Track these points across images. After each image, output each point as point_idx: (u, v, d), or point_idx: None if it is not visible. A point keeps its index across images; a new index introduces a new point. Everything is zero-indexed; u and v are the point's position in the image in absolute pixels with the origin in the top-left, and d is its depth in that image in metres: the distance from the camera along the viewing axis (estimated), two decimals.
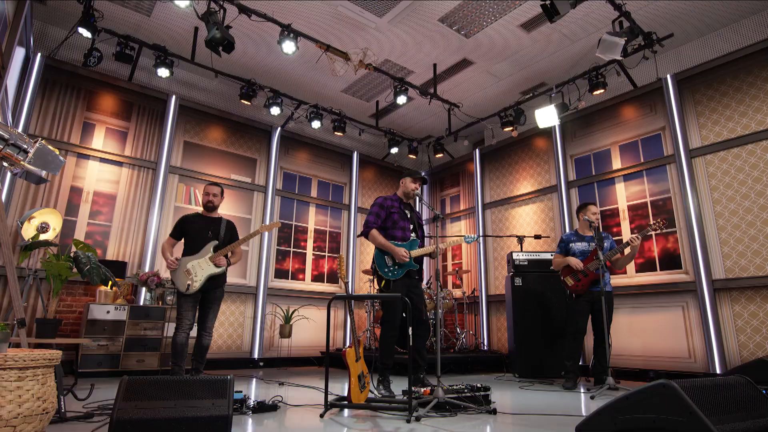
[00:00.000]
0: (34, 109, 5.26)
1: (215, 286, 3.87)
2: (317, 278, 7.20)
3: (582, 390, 4.27)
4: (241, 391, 2.92)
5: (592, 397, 3.73)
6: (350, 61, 5.49)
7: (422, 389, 3.15)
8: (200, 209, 4.14)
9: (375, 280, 3.94)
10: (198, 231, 3.90)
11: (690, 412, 1.49)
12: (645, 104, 5.79)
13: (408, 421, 2.57)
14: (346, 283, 3.20)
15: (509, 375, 5.62)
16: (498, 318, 6.97)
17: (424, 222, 8.78)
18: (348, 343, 7.14)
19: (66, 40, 5.36)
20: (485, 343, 6.95)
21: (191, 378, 2.01)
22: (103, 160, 5.63)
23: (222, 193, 4.12)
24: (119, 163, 5.73)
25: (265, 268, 6.57)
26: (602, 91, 5.64)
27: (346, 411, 2.98)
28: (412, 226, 3.94)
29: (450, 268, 7.91)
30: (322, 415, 2.74)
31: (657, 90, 5.63)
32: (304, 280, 7.06)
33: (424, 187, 8.91)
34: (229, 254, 3.91)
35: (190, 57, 5.63)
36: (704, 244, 4.95)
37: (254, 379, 4.91)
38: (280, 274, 6.84)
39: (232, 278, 6.27)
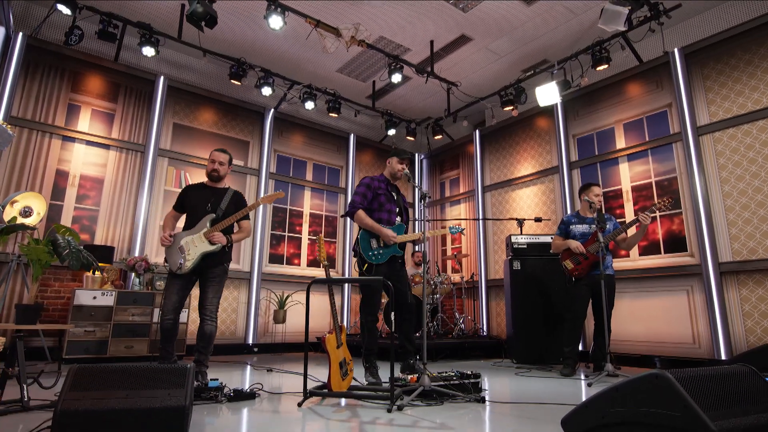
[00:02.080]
0: (17, 90, 5.10)
1: (213, 264, 3.34)
2: (313, 263, 7.07)
3: (580, 377, 4.12)
4: (217, 379, 2.80)
5: (589, 384, 3.58)
6: (341, 37, 5.27)
7: (409, 376, 3.01)
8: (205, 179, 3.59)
9: (357, 263, 3.75)
10: (197, 203, 3.40)
11: (685, 405, 1.33)
12: (651, 80, 5.52)
13: (389, 411, 2.43)
14: (326, 266, 3.05)
15: (507, 361, 5.48)
16: (498, 303, 6.81)
17: (424, 205, 8.60)
18: (331, 329, 7.03)
19: (47, 19, 5.18)
20: (484, 328, 6.81)
21: (147, 366, 1.87)
22: (89, 143, 5.48)
23: (230, 161, 3.58)
24: (106, 146, 5.58)
25: (259, 253, 6.44)
26: (606, 66, 5.39)
27: (326, 399, 2.84)
28: (398, 209, 3.77)
29: (449, 252, 7.74)
30: (300, 404, 2.61)
31: (663, 65, 5.35)
32: (299, 265, 6.93)
33: (424, 169, 8.71)
34: (236, 227, 3.48)
35: (177, 35, 5.43)
36: (711, 225, 4.73)
37: (248, 366, 4.81)
38: (275, 259, 6.71)
39: None
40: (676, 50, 5.19)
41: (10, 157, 4.96)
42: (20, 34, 5.12)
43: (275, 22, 4.82)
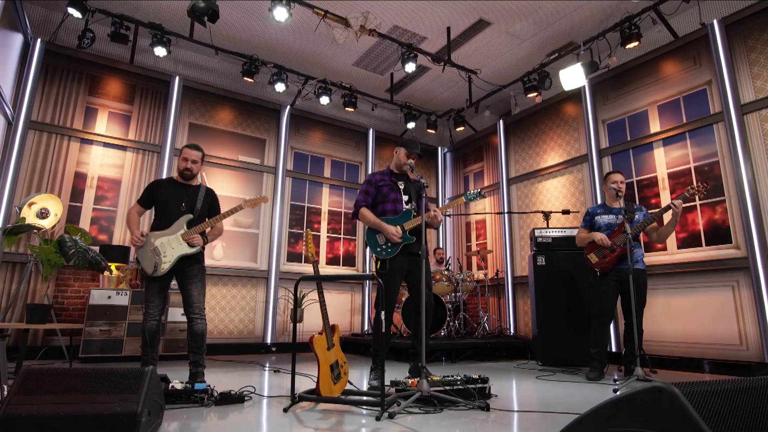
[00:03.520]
0: (36, 95, 5.21)
1: (189, 264, 3.23)
2: (332, 261, 6.94)
3: (608, 381, 3.78)
4: (204, 381, 2.68)
5: (615, 390, 3.25)
6: (350, 26, 5.09)
7: (410, 380, 2.79)
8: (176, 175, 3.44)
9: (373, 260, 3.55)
10: (170, 201, 3.25)
11: (694, 428, 1.06)
12: (687, 56, 5.05)
13: (377, 419, 2.22)
14: (315, 263, 2.88)
15: (533, 363, 5.15)
16: (525, 301, 6.46)
17: (425, 196, 8.26)
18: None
19: (62, 23, 5.26)
20: (511, 328, 6.47)
21: (101, 369, 1.75)
22: (106, 144, 5.55)
23: (203, 159, 3.45)
24: (123, 148, 5.64)
25: (277, 251, 6.37)
26: (636, 43, 4.96)
27: (319, 405, 2.66)
28: (407, 197, 3.55)
29: (473, 248, 7.43)
30: (285, 410, 2.44)
31: (701, 39, 4.87)
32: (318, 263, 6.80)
33: (448, 163, 8.43)
34: (207, 230, 3.32)
35: (189, 35, 5.42)
36: (758, 213, 4.25)
37: (258, 366, 4.72)
38: (293, 257, 6.62)
39: (242, 262, 6.13)
40: (715, 22, 4.70)
41: (30, 160, 5.08)
42: (38, 40, 5.23)
43: (280, 13, 4.69)
